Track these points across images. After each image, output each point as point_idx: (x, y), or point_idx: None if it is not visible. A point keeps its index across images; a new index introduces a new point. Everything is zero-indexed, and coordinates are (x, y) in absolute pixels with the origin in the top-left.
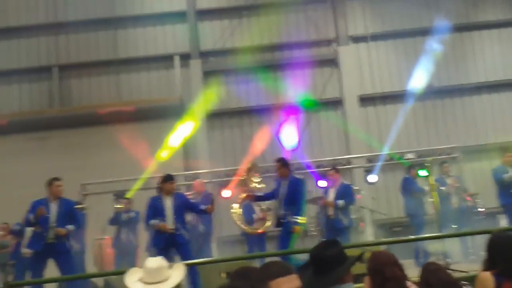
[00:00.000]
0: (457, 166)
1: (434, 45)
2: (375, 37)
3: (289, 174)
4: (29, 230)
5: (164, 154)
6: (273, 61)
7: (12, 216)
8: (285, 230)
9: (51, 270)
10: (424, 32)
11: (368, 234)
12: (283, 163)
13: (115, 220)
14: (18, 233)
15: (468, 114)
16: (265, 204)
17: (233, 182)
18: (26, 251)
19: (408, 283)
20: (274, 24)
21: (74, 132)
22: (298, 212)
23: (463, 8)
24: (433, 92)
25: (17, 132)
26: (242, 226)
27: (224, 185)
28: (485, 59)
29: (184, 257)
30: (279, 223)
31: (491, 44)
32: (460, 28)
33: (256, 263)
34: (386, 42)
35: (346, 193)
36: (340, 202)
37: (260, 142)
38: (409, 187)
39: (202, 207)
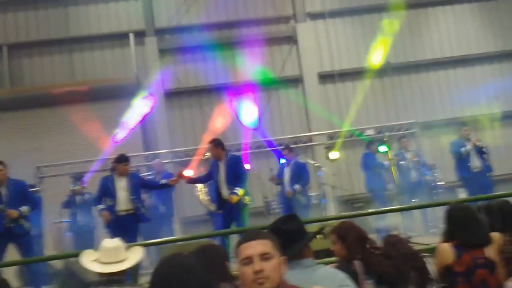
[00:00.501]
0: (415, 141)
1: (390, 21)
2: (333, 14)
3: (224, 154)
4: None
5: (121, 134)
6: (230, 38)
7: None
8: (236, 207)
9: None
10: (381, 8)
11: (330, 210)
12: (216, 143)
13: (69, 203)
14: None
15: (424, 90)
16: None
17: (193, 161)
18: None
19: None
20: (231, 0)
21: (27, 113)
22: (238, 185)
23: None
24: (390, 69)
25: None
26: (208, 205)
27: (185, 165)
28: (440, 35)
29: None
30: (222, 203)
31: (446, 20)
32: (415, 5)
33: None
34: (343, 19)
35: (300, 172)
36: (297, 187)
37: (220, 120)
38: (369, 162)
39: (163, 181)
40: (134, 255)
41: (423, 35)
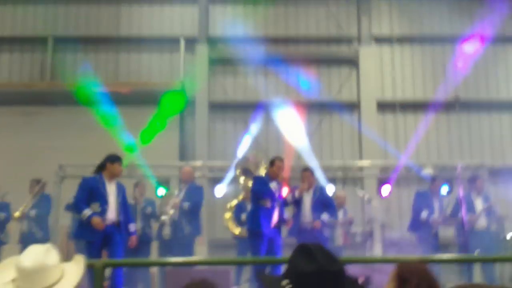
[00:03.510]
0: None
1: (465, 54)
2: (401, 40)
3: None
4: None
5: (154, 140)
6: (286, 54)
7: None
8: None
9: None
10: (455, 39)
11: (377, 252)
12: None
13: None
14: None
15: (495, 132)
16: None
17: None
18: None
19: None
20: (291, 15)
21: (61, 109)
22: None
23: (500, 19)
24: (459, 105)
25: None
26: (232, 228)
27: (219, 181)
28: None
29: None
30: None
31: None
32: (494, 39)
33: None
34: (412, 46)
35: (327, 199)
36: (325, 217)
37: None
38: (421, 202)
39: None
40: (70, 274)
41: (499, 73)
